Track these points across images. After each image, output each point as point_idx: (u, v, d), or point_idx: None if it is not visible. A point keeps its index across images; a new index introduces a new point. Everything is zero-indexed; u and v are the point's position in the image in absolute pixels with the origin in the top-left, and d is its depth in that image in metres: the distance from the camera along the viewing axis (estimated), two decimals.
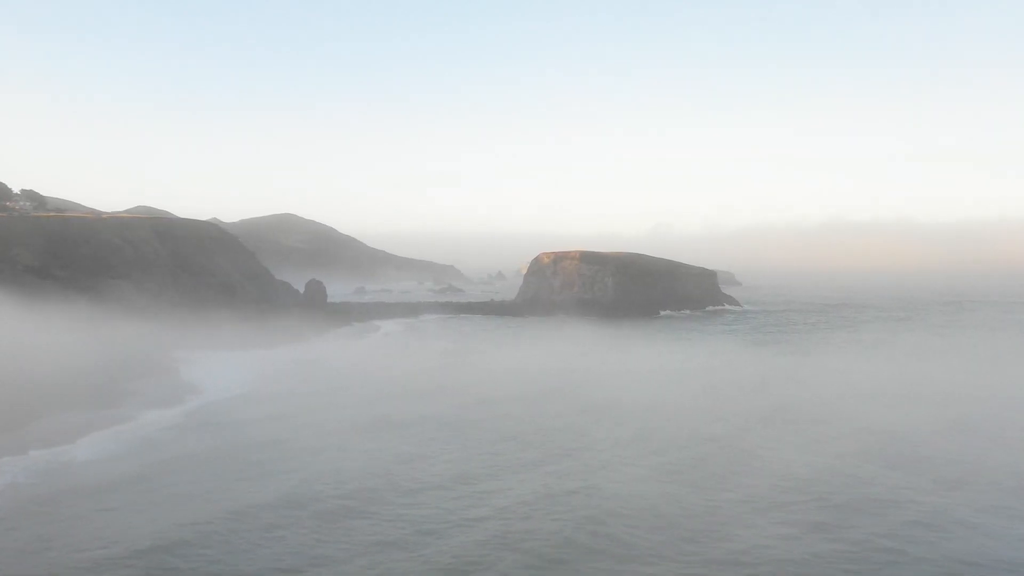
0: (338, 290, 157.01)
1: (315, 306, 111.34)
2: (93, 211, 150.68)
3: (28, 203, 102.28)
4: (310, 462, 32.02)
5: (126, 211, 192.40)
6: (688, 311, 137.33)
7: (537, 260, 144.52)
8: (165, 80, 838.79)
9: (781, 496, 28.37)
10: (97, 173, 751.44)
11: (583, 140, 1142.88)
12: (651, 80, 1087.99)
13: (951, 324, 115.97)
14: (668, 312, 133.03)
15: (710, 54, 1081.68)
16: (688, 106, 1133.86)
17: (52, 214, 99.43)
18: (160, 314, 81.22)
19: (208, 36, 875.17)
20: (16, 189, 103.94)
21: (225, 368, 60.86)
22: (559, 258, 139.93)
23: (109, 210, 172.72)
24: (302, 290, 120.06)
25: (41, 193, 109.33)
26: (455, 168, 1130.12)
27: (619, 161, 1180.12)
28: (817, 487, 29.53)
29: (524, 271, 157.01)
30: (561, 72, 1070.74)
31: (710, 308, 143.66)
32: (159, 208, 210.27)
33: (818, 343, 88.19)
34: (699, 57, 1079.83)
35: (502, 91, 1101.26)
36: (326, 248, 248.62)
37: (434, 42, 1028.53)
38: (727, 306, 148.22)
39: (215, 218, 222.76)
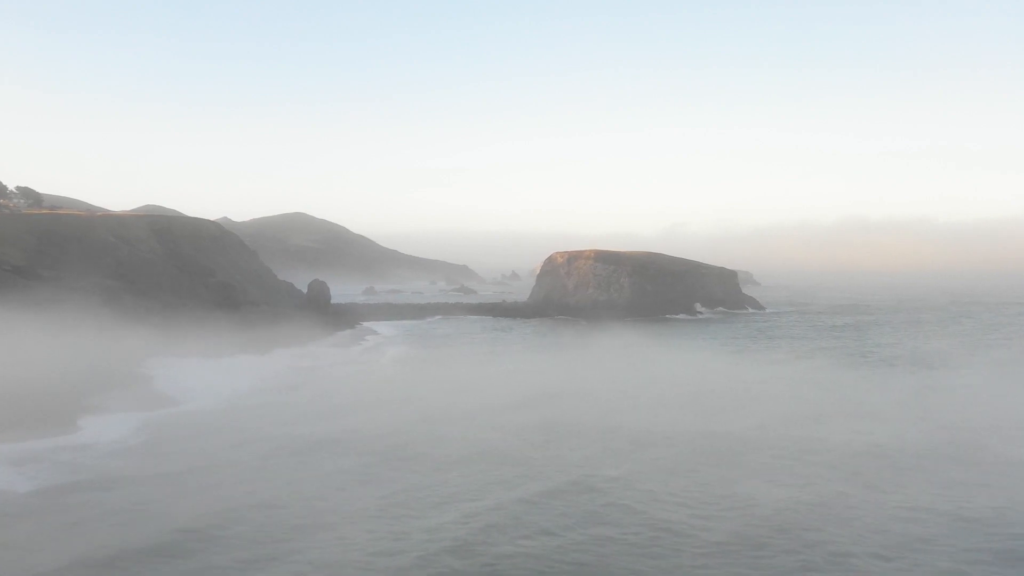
0: (347, 290, 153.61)
1: (318, 307, 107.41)
2: (96, 209, 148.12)
3: (22, 200, 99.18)
4: (223, 496, 27.74)
5: (133, 210, 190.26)
6: (708, 313, 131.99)
7: (550, 260, 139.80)
8: (173, 78, 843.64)
9: (767, 538, 23.86)
10: (105, 172, 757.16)
11: (596, 139, 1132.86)
12: (665, 79, 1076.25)
13: (974, 327, 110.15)
14: (685, 315, 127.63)
15: (723, 53, 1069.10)
16: (700, 105, 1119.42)
17: (45, 211, 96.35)
18: (150, 316, 77.41)
19: (217, 34, 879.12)
20: (12, 186, 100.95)
21: (208, 376, 57.02)
22: (573, 257, 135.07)
23: (118, 209, 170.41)
24: (307, 291, 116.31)
25: (39, 191, 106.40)
26: (467, 167, 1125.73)
27: (632, 161, 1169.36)
28: (811, 526, 25.06)
29: (537, 271, 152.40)
30: (575, 71, 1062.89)
31: (730, 310, 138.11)
32: (168, 207, 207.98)
33: (839, 348, 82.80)
34: (711, 56, 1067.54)
35: (515, 90, 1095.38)
36: (337, 248, 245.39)
37: (447, 37, 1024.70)
38: (748, 308, 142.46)
39: (225, 217, 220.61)
